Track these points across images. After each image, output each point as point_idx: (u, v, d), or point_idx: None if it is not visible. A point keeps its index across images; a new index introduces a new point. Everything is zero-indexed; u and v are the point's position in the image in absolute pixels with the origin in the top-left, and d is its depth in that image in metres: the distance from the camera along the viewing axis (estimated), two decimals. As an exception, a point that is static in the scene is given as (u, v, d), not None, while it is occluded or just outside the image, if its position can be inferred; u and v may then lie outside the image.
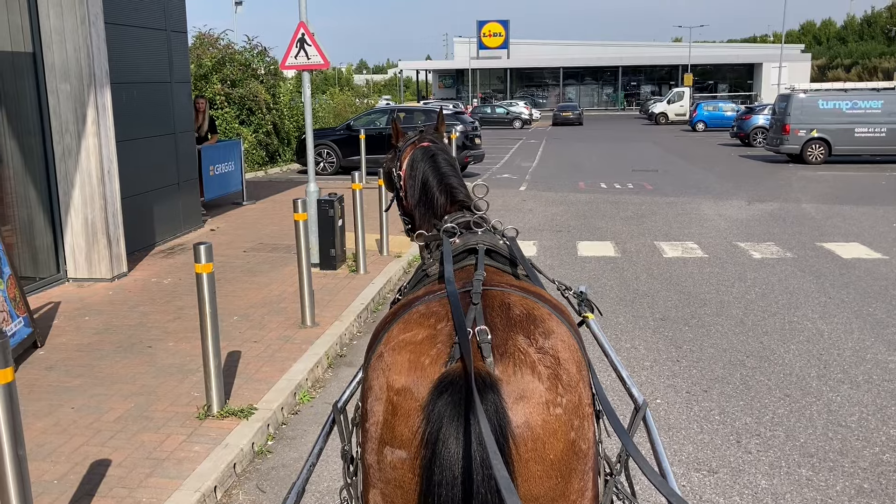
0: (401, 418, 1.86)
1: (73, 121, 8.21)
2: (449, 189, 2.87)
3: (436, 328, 1.96)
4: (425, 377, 1.85)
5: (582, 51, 76.16)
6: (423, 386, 1.83)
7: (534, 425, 1.81)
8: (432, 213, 2.86)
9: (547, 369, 1.87)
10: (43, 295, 7.92)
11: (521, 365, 1.85)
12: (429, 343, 1.93)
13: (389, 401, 1.89)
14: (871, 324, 7.17)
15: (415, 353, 1.92)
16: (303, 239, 6.82)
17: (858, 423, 5.05)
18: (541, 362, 1.87)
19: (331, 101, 34.01)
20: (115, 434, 4.75)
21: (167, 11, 10.79)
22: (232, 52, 21.89)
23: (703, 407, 5.38)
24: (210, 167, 13.12)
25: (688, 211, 14.08)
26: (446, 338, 1.92)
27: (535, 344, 1.91)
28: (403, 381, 1.88)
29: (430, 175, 2.94)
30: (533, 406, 1.82)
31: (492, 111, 51.56)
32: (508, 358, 1.86)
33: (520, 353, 1.87)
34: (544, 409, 1.83)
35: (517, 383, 1.83)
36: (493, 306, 2.01)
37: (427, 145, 3.10)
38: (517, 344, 1.89)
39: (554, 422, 1.84)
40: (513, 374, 1.83)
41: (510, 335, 1.91)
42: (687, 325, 7.23)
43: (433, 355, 1.89)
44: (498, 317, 1.97)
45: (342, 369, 6.27)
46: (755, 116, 31.31)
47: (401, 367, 1.91)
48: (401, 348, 1.95)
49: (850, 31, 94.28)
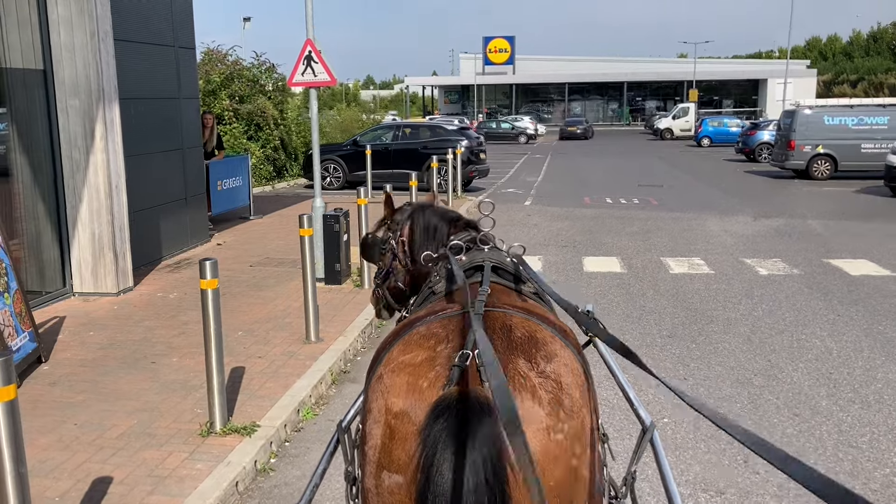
0: (398, 442, 1.83)
1: (82, 136, 8.24)
2: (453, 219, 2.89)
3: (435, 350, 1.94)
4: (423, 400, 1.82)
5: (587, 66, 76.37)
6: (421, 409, 1.81)
7: (534, 452, 1.77)
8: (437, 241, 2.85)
9: (548, 394, 1.84)
10: (49, 309, 7.91)
11: (520, 389, 1.82)
12: (427, 365, 1.90)
13: (387, 424, 1.87)
14: (881, 342, 7.11)
15: (413, 375, 1.89)
16: (308, 255, 6.81)
17: (870, 444, 5.00)
18: (542, 387, 1.84)
19: (338, 117, 34.16)
20: (117, 451, 4.73)
21: (176, 28, 10.85)
22: (240, 69, 22.01)
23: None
24: (218, 182, 13.15)
25: (694, 227, 14.05)
26: (445, 360, 1.89)
27: (537, 368, 1.88)
28: (401, 404, 1.86)
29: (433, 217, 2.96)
30: (532, 432, 1.78)
31: (497, 126, 51.71)
32: (508, 382, 1.83)
33: (520, 377, 1.84)
34: (544, 435, 1.80)
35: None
36: (495, 328, 1.98)
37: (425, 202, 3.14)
38: (517, 367, 1.86)
39: (555, 448, 1.80)
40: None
41: (510, 358, 1.89)
42: (694, 343, 7.18)
43: (431, 378, 1.86)
44: (498, 339, 1.94)
45: (346, 385, 6.24)
46: (760, 132, 31.31)
47: (399, 389, 1.88)
48: (399, 370, 1.93)
49: (855, 47, 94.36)
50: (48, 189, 8.30)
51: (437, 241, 2.87)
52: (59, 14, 8.04)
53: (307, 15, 9.14)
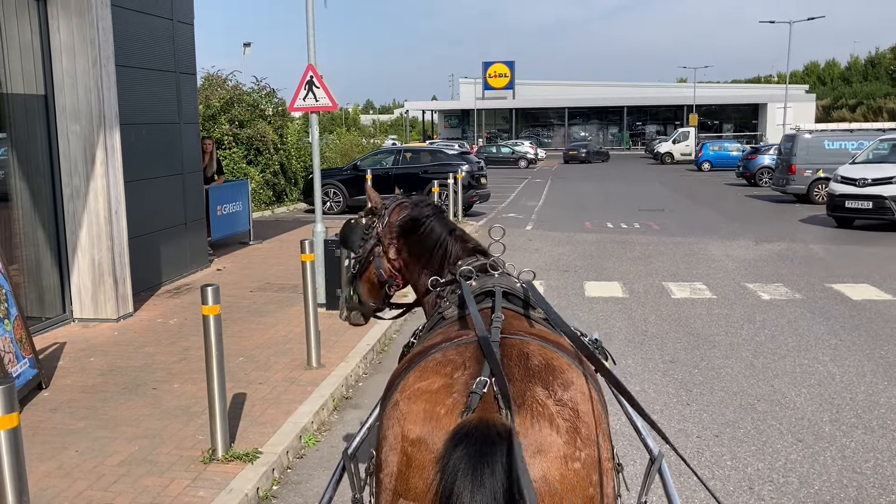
0: (415, 470, 1.82)
1: (83, 162, 8.27)
2: (460, 238, 2.86)
3: (452, 377, 1.93)
4: (440, 428, 1.81)
5: (587, 91, 76.89)
6: (439, 437, 1.79)
7: (551, 480, 1.76)
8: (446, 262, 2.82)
9: (566, 422, 1.83)
10: (49, 335, 7.89)
11: (538, 417, 1.81)
12: (445, 392, 1.89)
13: (404, 451, 1.86)
14: (883, 367, 7.08)
15: (430, 402, 1.88)
16: (309, 280, 6.81)
17: (874, 470, 4.96)
18: (559, 415, 1.83)
19: (338, 141, 34.26)
20: (118, 478, 4.69)
21: (177, 54, 10.93)
22: (240, 93, 22.14)
23: (714, 452, 5.29)
24: (217, 207, 13.17)
25: (695, 251, 14.05)
26: (463, 387, 1.88)
27: (554, 396, 1.87)
28: (418, 431, 1.85)
29: (437, 227, 2.90)
30: (551, 460, 1.77)
31: (497, 151, 51.95)
32: (526, 410, 1.82)
33: (538, 405, 1.84)
34: (562, 464, 1.79)
35: (535, 436, 1.79)
36: (512, 356, 1.98)
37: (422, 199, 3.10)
38: (535, 395, 1.86)
39: (572, 476, 1.79)
40: (530, 426, 1.80)
41: (528, 386, 1.88)
42: (697, 368, 7.15)
43: (449, 405, 1.85)
44: (516, 367, 1.94)
45: (348, 412, 6.20)
46: (761, 156, 31.42)
47: (416, 416, 1.87)
48: (416, 397, 1.91)
49: (854, 72, 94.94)
50: (48, 215, 8.31)
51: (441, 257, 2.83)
52: (62, 41, 8.10)
53: (308, 40, 9.21)
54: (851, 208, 16.68)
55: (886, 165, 16.86)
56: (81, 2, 8.04)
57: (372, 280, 3.17)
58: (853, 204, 16.62)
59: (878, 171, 16.56)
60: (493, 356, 1.90)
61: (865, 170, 16.97)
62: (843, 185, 17.00)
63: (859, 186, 16.50)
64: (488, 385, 1.83)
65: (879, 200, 16.17)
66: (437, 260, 2.85)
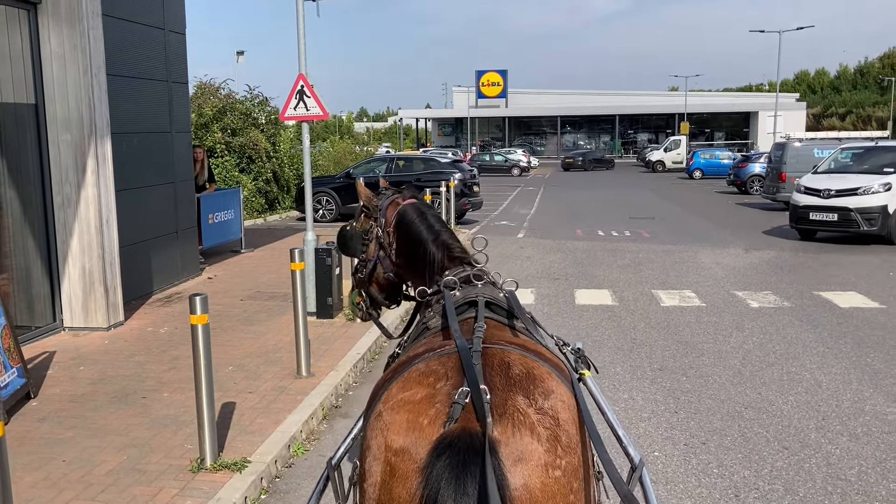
0: (398, 480, 1.84)
1: (74, 170, 8.28)
2: (446, 245, 2.85)
3: (435, 387, 1.95)
4: (423, 438, 1.83)
5: (579, 100, 77.24)
6: (422, 447, 1.82)
7: (532, 488, 1.78)
8: (431, 270, 2.83)
9: (546, 430, 1.85)
10: (38, 344, 7.89)
11: (519, 426, 1.83)
12: (427, 403, 1.91)
13: (387, 461, 1.88)
14: (869, 374, 7.14)
15: (413, 412, 1.90)
16: (299, 289, 6.82)
17: (858, 477, 5.00)
18: (540, 423, 1.85)
19: (331, 149, 34.28)
20: (106, 488, 4.69)
21: (169, 63, 10.95)
22: (233, 102, 22.16)
23: (700, 460, 5.32)
24: (209, 215, 13.17)
25: (685, 259, 14.11)
26: (445, 397, 1.90)
27: (535, 404, 1.89)
28: (402, 441, 1.87)
29: (424, 231, 2.91)
30: (532, 468, 1.79)
31: (490, 159, 52.08)
32: (507, 419, 1.84)
33: (519, 413, 1.86)
34: (543, 472, 1.81)
35: (516, 445, 1.81)
36: (493, 365, 2.00)
37: (413, 202, 3.08)
38: (516, 404, 1.88)
39: (553, 484, 1.81)
40: (511, 435, 1.82)
41: (509, 395, 1.90)
42: (685, 376, 7.19)
43: (432, 415, 1.87)
44: (497, 376, 1.96)
45: (337, 420, 6.22)
46: (751, 164, 31.56)
47: (399, 427, 1.89)
48: (399, 408, 1.93)
49: (843, 81, 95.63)
50: (38, 223, 8.31)
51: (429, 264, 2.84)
52: (52, 50, 8.12)
53: (300, 50, 9.24)
54: (816, 220, 16.01)
55: (850, 176, 16.26)
56: (72, 11, 8.06)
57: (381, 282, 3.18)
58: (818, 216, 15.92)
59: (843, 182, 15.95)
60: (470, 366, 1.92)
61: (829, 180, 16.31)
62: (807, 195, 16.31)
63: (824, 198, 15.81)
64: (470, 395, 1.85)
65: (845, 212, 15.51)
66: (424, 267, 2.87)
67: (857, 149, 18.21)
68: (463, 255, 2.83)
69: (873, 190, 15.36)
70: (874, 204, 15.28)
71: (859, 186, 15.58)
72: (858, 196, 15.45)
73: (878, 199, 15.28)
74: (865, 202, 15.33)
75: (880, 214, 15.25)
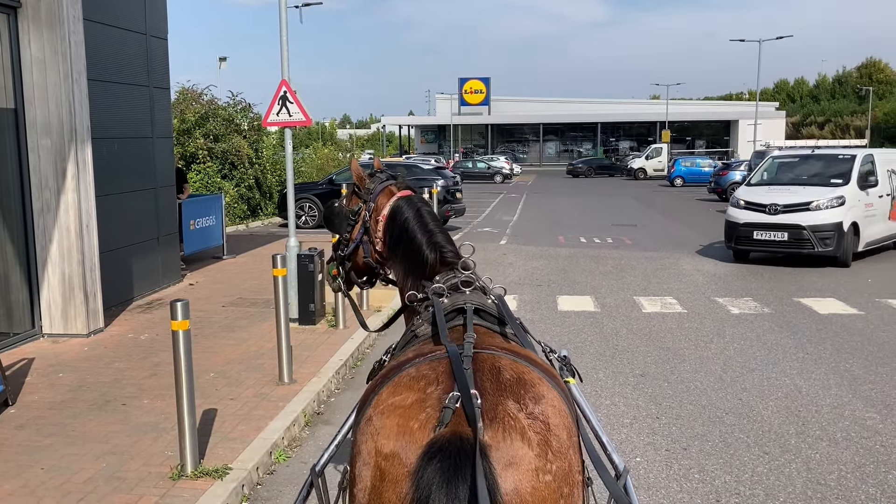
0: (389, 484, 1.83)
1: (53, 176, 8.21)
2: (438, 248, 2.81)
3: (425, 392, 1.95)
4: (414, 442, 1.83)
5: (561, 107, 77.59)
6: (412, 451, 1.81)
7: (523, 492, 1.79)
8: (421, 272, 2.79)
9: (537, 435, 1.85)
10: (17, 351, 7.80)
11: (510, 431, 1.84)
12: (418, 407, 1.91)
13: (378, 466, 1.87)
14: (848, 380, 7.20)
15: (404, 417, 1.90)
16: (281, 295, 6.79)
17: (837, 482, 5.04)
18: (531, 428, 1.86)
19: (314, 156, 34.25)
20: (85, 496, 4.64)
21: (150, 68, 10.90)
22: (215, 108, 22.10)
23: (682, 465, 5.35)
24: (191, 221, 13.11)
25: (667, 266, 14.19)
26: (436, 402, 1.90)
27: (526, 409, 1.90)
28: (392, 446, 1.86)
29: (418, 231, 2.86)
30: (522, 473, 1.80)
31: (473, 166, 52.23)
32: (498, 423, 1.84)
33: (510, 418, 1.86)
34: (534, 476, 1.81)
35: (507, 449, 1.81)
36: (484, 370, 2.00)
37: (409, 195, 3.05)
38: (507, 409, 1.88)
39: (543, 489, 1.82)
40: (502, 439, 1.82)
41: (500, 400, 1.90)
42: (666, 382, 7.23)
43: (422, 420, 1.87)
44: (488, 381, 1.96)
45: (319, 427, 6.19)
46: (732, 172, 31.86)
47: (389, 431, 1.89)
48: (390, 412, 1.93)
49: (822, 90, 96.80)
50: (17, 229, 8.23)
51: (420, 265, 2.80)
52: (33, 54, 8.06)
53: (282, 56, 9.24)
54: (760, 240, 13.95)
55: (796, 189, 14.29)
56: (53, 15, 8.01)
57: (360, 264, 3.17)
58: (763, 234, 13.86)
59: (790, 196, 13.99)
60: (461, 371, 1.93)
61: (772, 193, 14.33)
62: (749, 211, 14.22)
63: (770, 213, 13.80)
64: (461, 400, 1.86)
65: (796, 231, 13.54)
66: (414, 266, 2.83)
67: (792, 157, 16.63)
68: (454, 261, 2.77)
69: (826, 204, 13.58)
70: (828, 221, 13.45)
71: (810, 201, 13.70)
72: (811, 212, 13.55)
73: (832, 216, 13.48)
74: (819, 219, 13.47)
75: (835, 233, 13.43)
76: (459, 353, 2.03)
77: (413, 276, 2.85)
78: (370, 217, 3.07)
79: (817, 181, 14.51)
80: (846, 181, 14.10)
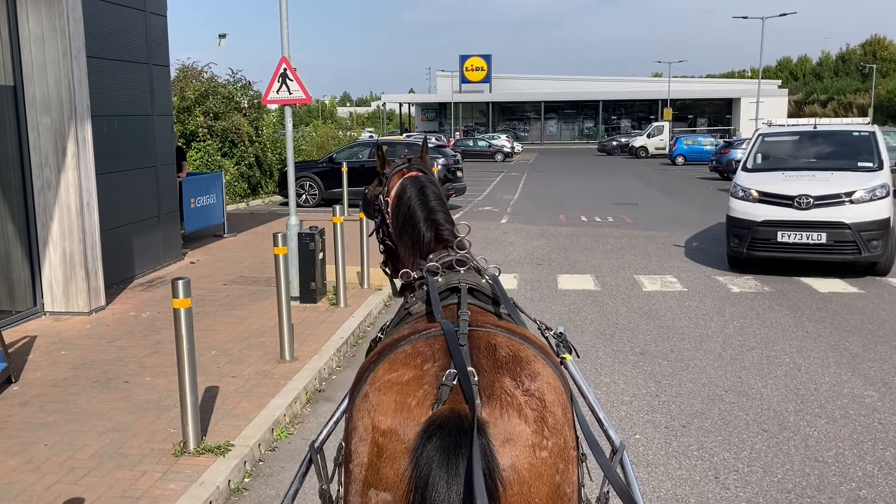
0: (386, 460, 1.84)
1: (53, 154, 8.19)
2: (435, 225, 2.81)
3: (422, 369, 1.95)
4: (411, 419, 1.84)
5: (563, 85, 77.22)
6: (410, 428, 1.82)
7: (520, 468, 1.80)
8: (418, 249, 2.81)
9: (533, 412, 1.86)
10: (19, 329, 7.83)
11: (507, 407, 1.84)
12: (415, 384, 1.91)
13: (375, 442, 1.88)
14: (847, 358, 7.23)
15: (401, 394, 1.90)
16: (282, 273, 6.81)
17: (835, 459, 5.08)
18: (527, 405, 1.87)
19: (314, 134, 34.13)
20: (89, 472, 4.68)
21: (150, 45, 10.84)
22: (215, 85, 21.99)
23: (681, 442, 5.38)
24: (191, 200, 13.10)
25: (667, 244, 14.19)
26: (433, 379, 1.90)
27: (522, 386, 1.90)
28: (389, 422, 1.87)
29: (419, 208, 2.88)
30: (519, 449, 1.81)
31: (474, 144, 52.02)
32: (495, 400, 1.85)
33: (506, 395, 1.87)
34: (530, 453, 1.82)
35: (504, 426, 1.82)
36: (480, 347, 2.01)
37: (417, 175, 3.06)
38: (504, 386, 1.89)
39: (540, 465, 1.83)
40: (499, 416, 1.83)
41: (497, 377, 1.91)
42: (666, 360, 7.26)
43: (420, 397, 1.87)
44: (485, 358, 1.97)
45: (321, 404, 6.23)
46: (734, 150, 31.67)
47: (386, 408, 1.89)
48: (386, 389, 1.93)
49: (825, 68, 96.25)
50: (18, 207, 8.23)
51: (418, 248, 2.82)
52: (31, 31, 8.02)
53: (282, 32, 9.18)
54: (789, 243, 10.52)
55: (823, 175, 10.91)
56: (51, -8, 7.95)
57: (382, 248, 3.24)
58: (792, 236, 10.47)
59: (817, 185, 10.60)
60: (457, 348, 1.93)
61: (791, 182, 10.88)
62: (768, 205, 10.74)
63: (801, 209, 10.40)
64: (458, 377, 1.87)
65: (838, 231, 10.25)
66: (414, 246, 2.85)
67: (789, 135, 12.94)
68: (451, 238, 2.78)
69: (868, 196, 10.36)
70: (877, 217, 10.28)
71: (852, 191, 10.42)
72: (854, 205, 10.32)
73: (879, 210, 10.33)
74: (865, 214, 10.27)
75: (883, 232, 10.31)
76: (455, 331, 2.04)
77: (412, 254, 2.86)
78: (383, 200, 3.13)
79: (842, 165, 11.28)
80: (878, 165, 11.06)
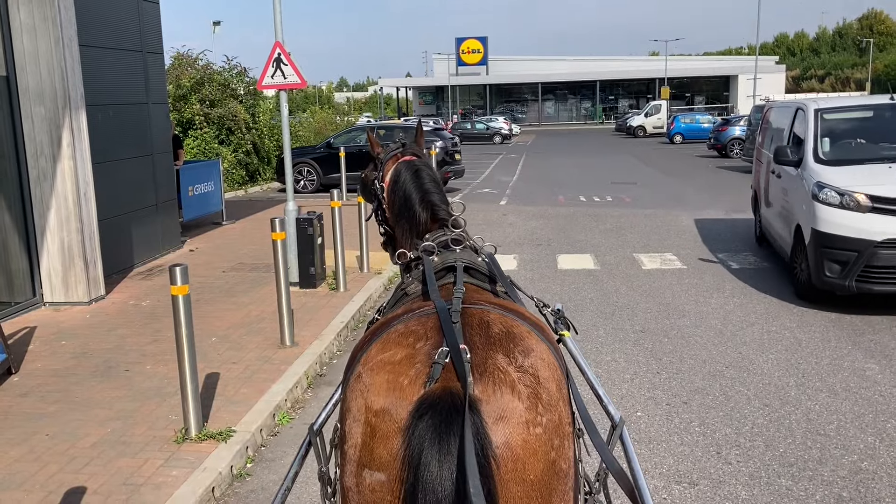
0: (379, 440, 1.83)
1: (48, 143, 8.15)
2: (431, 206, 2.83)
3: (414, 347, 1.94)
4: (404, 398, 1.83)
5: (559, 66, 76.90)
6: (402, 407, 1.81)
7: (514, 445, 1.79)
8: (414, 230, 2.83)
9: (527, 388, 1.85)
10: (18, 320, 7.83)
11: (500, 384, 1.83)
12: (407, 363, 1.90)
13: (368, 422, 1.87)
14: (847, 332, 7.23)
15: (393, 373, 1.89)
16: (281, 258, 6.79)
17: (837, 432, 5.08)
18: (520, 381, 1.85)
19: (311, 119, 34.02)
20: (90, 460, 4.69)
21: (143, 33, 10.77)
22: (211, 73, 21.89)
23: (683, 419, 5.39)
24: (189, 188, 13.07)
25: (666, 223, 14.16)
26: (425, 357, 1.89)
27: (515, 363, 1.89)
28: (382, 402, 1.86)
29: (414, 191, 2.90)
30: (513, 426, 1.80)
31: (472, 127, 51.82)
32: (488, 377, 1.84)
33: (499, 372, 1.85)
34: (524, 429, 1.81)
35: (497, 403, 1.81)
36: (473, 325, 1.99)
37: (411, 159, 3.08)
38: (497, 363, 1.87)
39: (534, 441, 1.82)
40: (492, 393, 1.81)
41: (489, 354, 1.90)
42: (667, 337, 7.25)
43: (412, 376, 1.86)
44: (477, 335, 1.96)
45: (322, 389, 6.23)
46: (731, 128, 31.59)
47: (379, 388, 1.88)
48: (379, 369, 1.92)
49: (822, 43, 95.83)
50: (14, 198, 8.20)
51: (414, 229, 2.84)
52: (22, 21, 7.96)
53: (276, 18, 9.11)
54: None
55: None
56: (41, -20, 7.89)
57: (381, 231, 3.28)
58: None
59: None
60: (449, 326, 1.92)
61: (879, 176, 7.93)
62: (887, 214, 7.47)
63: None
64: (450, 355, 1.85)
65: None
66: (409, 226, 2.86)
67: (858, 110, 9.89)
68: (446, 218, 2.79)
69: None
70: None
71: None
72: None
73: None
74: None
75: None
76: (448, 309, 2.02)
77: (409, 235, 2.86)
78: (378, 185, 3.15)
79: None
80: None
